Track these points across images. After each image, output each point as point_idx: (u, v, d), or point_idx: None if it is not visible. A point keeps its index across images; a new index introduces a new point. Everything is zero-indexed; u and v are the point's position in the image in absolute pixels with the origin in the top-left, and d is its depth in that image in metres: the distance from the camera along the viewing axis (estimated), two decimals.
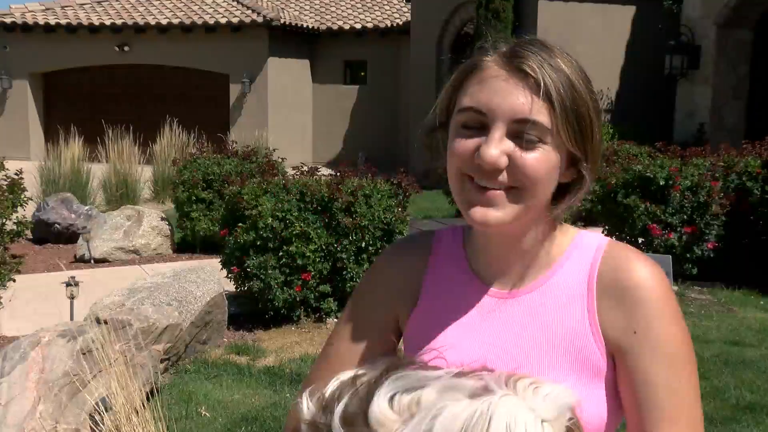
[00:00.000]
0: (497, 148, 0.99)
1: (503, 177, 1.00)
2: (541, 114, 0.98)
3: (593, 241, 1.11)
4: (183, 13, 18.10)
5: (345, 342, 1.19)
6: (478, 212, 1.02)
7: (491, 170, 0.99)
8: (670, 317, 1.03)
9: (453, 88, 1.07)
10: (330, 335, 1.24)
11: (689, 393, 1.02)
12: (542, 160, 1.00)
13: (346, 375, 1.01)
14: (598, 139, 1.05)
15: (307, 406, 0.99)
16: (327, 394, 0.97)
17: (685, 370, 1.02)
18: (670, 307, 1.04)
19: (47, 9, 18.91)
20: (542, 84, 0.98)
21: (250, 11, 17.52)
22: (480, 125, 1.01)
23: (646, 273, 1.04)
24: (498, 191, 1.01)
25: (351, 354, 1.18)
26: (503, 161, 0.99)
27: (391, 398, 0.88)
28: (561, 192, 1.07)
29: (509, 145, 0.99)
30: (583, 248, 1.10)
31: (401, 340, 1.20)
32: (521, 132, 0.99)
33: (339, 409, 0.92)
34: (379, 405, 0.88)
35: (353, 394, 0.93)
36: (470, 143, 1.01)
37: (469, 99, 1.02)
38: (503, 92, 1.00)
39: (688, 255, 6.66)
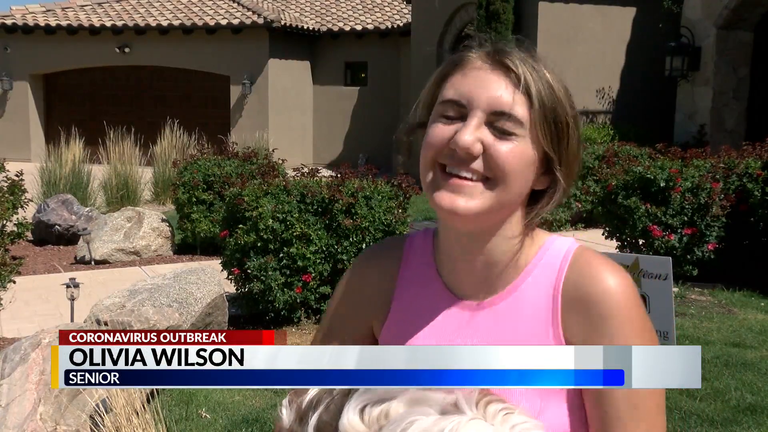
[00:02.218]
0: (472, 134, 0.99)
1: (477, 165, 1.00)
2: (519, 108, 0.99)
3: (562, 247, 1.08)
4: (183, 14, 18.11)
5: None
6: (446, 197, 1.00)
7: (465, 156, 0.99)
8: (634, 331, 1.00)
9: (436, 84, 1.07)
10: (310, 343, 1.24)
11: (651, 408, 1.00)
12: (516, 153, 1.00)
13: None
14: (575, 147, 1.04)
15: (286, 413, 1.00)
16: (304, 404, 0.98)
17: None
18: (636, 320, 1.01)
19: (48, 10, 18.92)
20: (523, 79, 1.00)
21: (250, 13, 17.53)
22: (460, 116, 1.01)
23: (611, 283, 1.02)
24: (470, 181, 1.00)
25: None
26: (477, 148, 0.99)
27: (362, 410, 0.88)
28: (535, 200, 1.06)
29: (485, 133, 1.00)
30: (551, 255, 1.07)
31: None
32: (498, 123, 0.99)
33: (313, 419, 0.93)
34: (349, 417, 0.88)
35: (328, 405, 0.94)
36: (447, 130, 1.01)
37: (451, 91, 1.03)
38: (484, 83, 1.01)
39: (688, 256, 6.66)
